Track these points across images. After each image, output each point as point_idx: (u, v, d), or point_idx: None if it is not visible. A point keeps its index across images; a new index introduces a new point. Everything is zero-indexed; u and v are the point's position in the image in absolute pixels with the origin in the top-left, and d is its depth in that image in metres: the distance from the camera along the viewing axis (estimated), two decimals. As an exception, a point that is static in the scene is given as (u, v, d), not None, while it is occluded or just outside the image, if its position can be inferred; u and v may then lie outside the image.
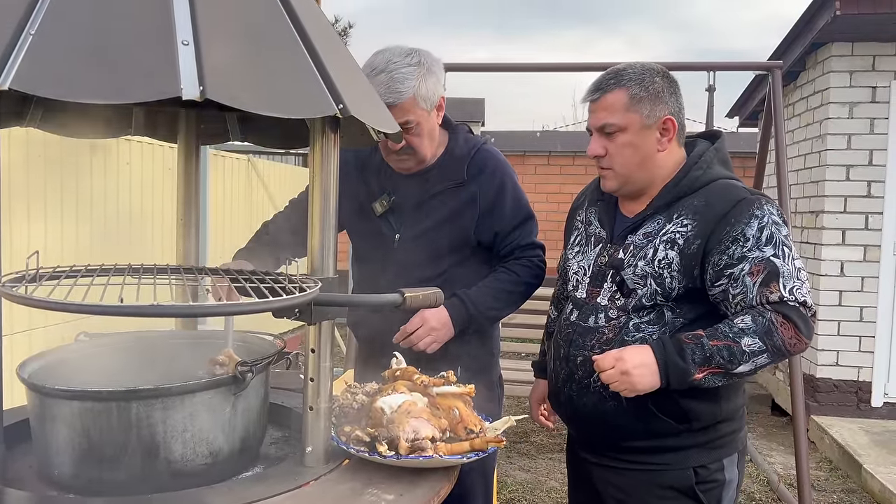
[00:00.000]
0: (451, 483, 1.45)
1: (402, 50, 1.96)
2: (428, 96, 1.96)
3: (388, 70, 1.91)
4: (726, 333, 1.58)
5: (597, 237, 1.85)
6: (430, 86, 1.95)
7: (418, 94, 1.93)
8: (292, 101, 1.24)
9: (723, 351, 1.57)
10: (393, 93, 1.90)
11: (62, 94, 1.05)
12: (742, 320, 1.59)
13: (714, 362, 1.57)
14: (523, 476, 4.38)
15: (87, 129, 1.79)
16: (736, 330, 1.58)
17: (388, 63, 1.92)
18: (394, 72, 1.90)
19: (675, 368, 1.58)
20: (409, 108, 1.93)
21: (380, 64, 1.93)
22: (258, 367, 1.41)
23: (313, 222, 1.41)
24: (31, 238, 3.58)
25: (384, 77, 1.90)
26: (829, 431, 4.92)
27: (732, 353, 1.57)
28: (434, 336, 1.95)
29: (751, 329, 1.57)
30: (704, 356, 1.57)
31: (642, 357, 1.60)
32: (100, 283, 1.27)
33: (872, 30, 4.95)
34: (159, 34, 1.13)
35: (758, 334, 1.57)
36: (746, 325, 1.58)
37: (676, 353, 1.59)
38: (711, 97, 4.18)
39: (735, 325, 1.59)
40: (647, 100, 1.70)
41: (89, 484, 1.33)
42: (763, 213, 1.64)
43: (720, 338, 1.58)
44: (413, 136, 1.97)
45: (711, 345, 1.58)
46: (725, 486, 1.75)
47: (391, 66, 1.91)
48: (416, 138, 1.99)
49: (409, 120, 1.93)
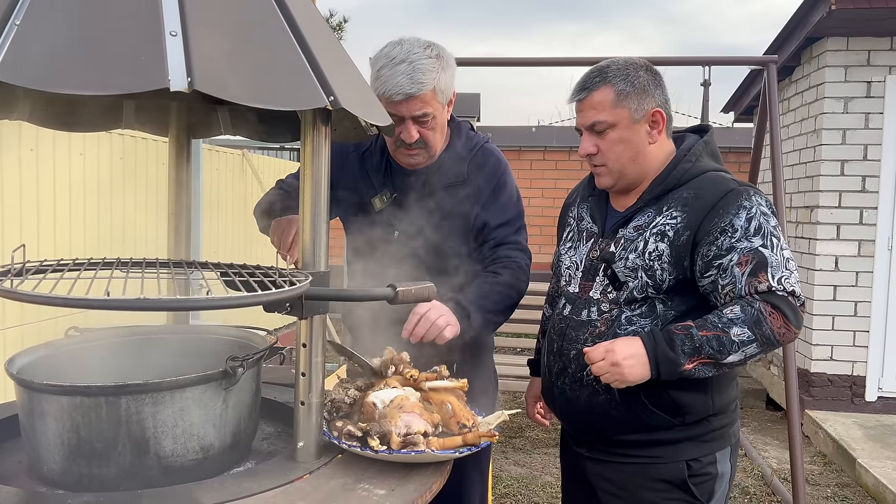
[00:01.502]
0: (443, 478, 1.44)
1: (420, 42, 1.94)
2: (445, 90, 1.95)
3: (409, 60, 1.88)
4: (715, 324, 1.59)
5: (588, 232, 1.86)
6: (447, 80, 1.95)
7: (438, 86, 1.91)
8: (282, 94, 1.22)
9: (712, 341, 1.57)
10: (416, 83, 1.87)
11: (48, 85, 1.04)
12: (731, 310, 1.59)
13: (704, 352, 1.58)
14: (518, 471, 4.39)
15: (77, 122, 1.77)
16: (725, 320, 1.59)
17: (409, 54, 1.89)
18: (416, 62, 1.88)
19: (665, 359, 1.59)
20: (429, 101, 1.91)
21: (399, 54, 1.90)
22: (249, 362, 1.40)
23: (304, 216, 1.40)
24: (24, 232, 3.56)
25: (406, 67, 1.87)
26: (824, 426, 4.93)
27: (722, 342, 1.57)
28: (447, 318, 1.81)
29: (740, 319, 1.58)
30: (694, 346, 1.58)
31: (632, 348, 1.60)
32: (87, 276, 1.26)
33: (867, 25, 4.95)
34: (147, 25, 1.12)
35: (747, 324, 1.57)
36: (735, 315, 1.58)
37: (666, 343, 1.59)
38: (707, 92, 4.17)
39: (724, 315, 1.60)
40: (634, 94, 1.70)
41: (79, 480, 1.32)
42: (751, 204, 1.64)
43: (709, 328, 1.59)
44: (428, 129, 1.96)
45: (701, 335, 1.58)
46: (718, 479, 1.76)
47: (413, 57, 1.89)
48: (430, 132, 1.97)
49: (427, 112, 1.92)
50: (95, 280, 1.25)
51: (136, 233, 4.57)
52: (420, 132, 1.94)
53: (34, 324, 3.48)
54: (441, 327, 1.79)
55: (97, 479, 1.31)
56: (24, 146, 3.61)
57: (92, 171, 4.17)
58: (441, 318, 1.80)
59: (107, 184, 4.33)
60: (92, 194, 4.19)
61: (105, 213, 4.33)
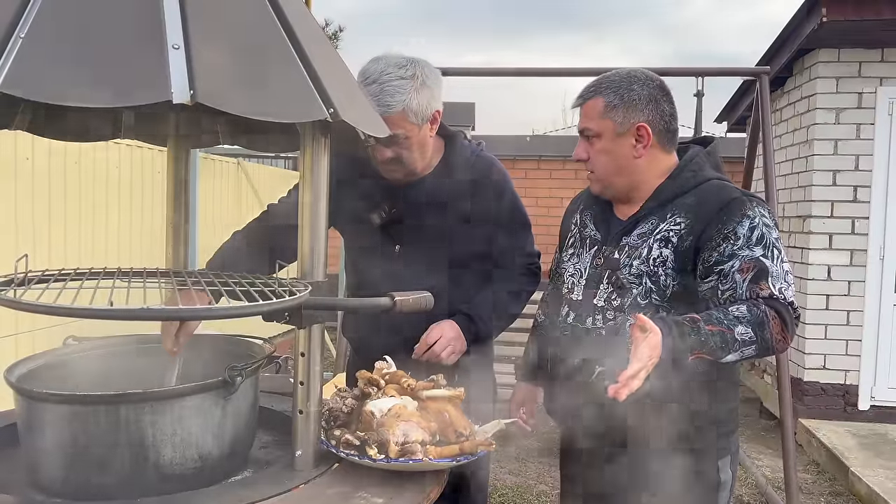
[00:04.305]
0: (440, 486, 1.45)
1: (397, 60, 1.91)
2: (419, 110, 1.91)
3: (379, 81, 1.87)
4: (721, 320, 1.55)
5: (591, 239, 1.87)
6: (422, 99, 1.90)
7: (408, 108, 1.89)
8: (283, 106, 1.24)
9: (716, 336, 1.53)
10: (381, 105, 1.86)
11: (52, 97, 1.05)
12: (737, 308, 1.57)
13: (706, 348, 1.53)
14: (513, 480, 4.38)
15: (76, 133, 1.78)
16: (731, 317, 1.55)
17: (380, 74, 1.88)
18: (385, 84, 1.87)
19: (676, 352, 1.51)
20: (398, 122, 1.89)
21: (373, 74, 1.89)
22: (248, 371, 1.41)
23: (303, 226, 1.41)
24: (19, 243, 3.56)
25: (375, 88, 1.87)
26: (817, 434, 4.95)
27: (725, 339, 1.54)
28: (453, 346, 1.96)
29: (745, 318, 1.55)
30: (699, 340, 1.53)
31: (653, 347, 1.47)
32: (89, 286, 1.27)
33: (858, 36, 5.01)
34: (150, 38, 1.13)
35: (751, 324, 1.55)
36: (742, 313, 1.56)
37: (678, 336, 1.52)
38: (700, 102, 4.20)
39: (730, 312, 1.56)
40: (621, 107, 1.72)
41: (78, 489, 1.32)
42: (755, 214, 1.65)
43: (715, 323, 1.55)
44: (402, 148, 1.95)
45: (707, 329, 1.54)
46: (721, 486, 1.76)
47: (383, 78, 1.87)
48: (405, 151, 1.96)
49: (396, 133, 1.88)
50: (97, 290, 1.26)
51: (132, 242, 4.58)
52: (393, 150, 1.94)
53: (29, 333, 3.48)
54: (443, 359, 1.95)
55: (96, 487, 1.31)
56: (20, 155, 3.61)
57: (88, 180, 4.16)
58: (445, 352, 1.95)
59: (102, 193, 4.33)
60: (88, 203, 4.19)
61: (101, 223, 4.33)
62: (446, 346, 1.95)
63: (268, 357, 1.56)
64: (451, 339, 1.96)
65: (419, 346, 1.94)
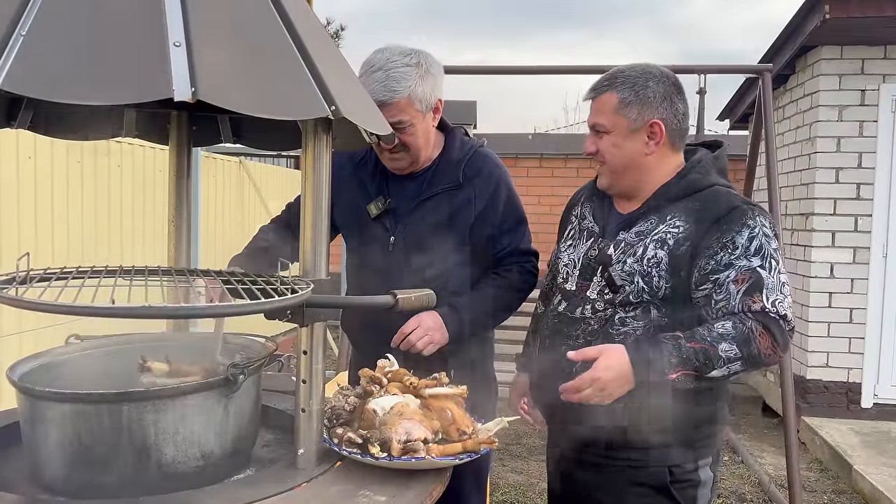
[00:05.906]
0: (443, 484, 1.45)
1: (402, 49, 1.96)
2: (424, 98, 1.95)
3: (385, 68, 1.90)
4: (704, 337, 1.58)
5: (589, 231, 1.87)
6: (426, 87, 1.95)
7: (414, 94, 1.92)
8: (285, 103, 1.24)
9: (699, 354, 1.57)
10: (388, 91, 1.89)
11: (53, 95, 1.05)
12: (722, 325, 1.59)
13: (690, 365, 1.58)
14: (515, 478, 4.38)
15: (78, 131, 1.78)
16: (715, 335, 1.58)
17: (386, 61, 1.91)
18: (391, 70, 1.90)
19: (652, 370, 1.57)
20: (404, 108, 1.93)
21: (378, 62, 1.92)
22: (250, 370, 1.41)
23: (305, 224, 1.41)
24: (21, 240, 3.56)
25: (381, 75, 1.90)
26: (820, 432, 4.94)
27: (709, 356, 1.57)
28: (430, 337, 1.93)
29: (730, 335, 1.58)
30: (681, 358, 1.57)
31: (618, 369, 1.58)
32: (91, 284, 1.27)
33: (861, 33, 4.99)
34: (151, 35, 1.13)
35: (736, 341, 1.57)
36: (726, 330, 1.58)
37: (651, 353, 1.58)
38: (702, 100, 4.20)
39: (714, 329, 1.59)
40: (636, 104, 1.72)
41: (80, 487, 1.32)
42: (755, 224, 1.65)
43: (698, 340, 1.58)
44: (407, 135, 1.97)
45: (689, 346, 1.58)
46: (701, 485, 1.77)
47: (389, 65, 1.91)
48: (411, 137, 1.98)
49: (402, 120, 1.93)
50: (99, 288, 1.26)
51: (134, 240, 4.58)
52: (399, 137, 1.96)
53: (32, 331, 3.48)
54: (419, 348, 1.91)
55: (98, 486, 1.31)
56: (23, 154, 3.61)
57: (89, 178, 4.17)
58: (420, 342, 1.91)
59: (104, 191, 4.33)
60: (89, 201, 4.19)
61: (103, 221, 4.33)
62: (422, 336, 1.91)
63: (270, 355, 1.56)
64: (429, 330, 1.93)
65: (396, 336, 1.92)
